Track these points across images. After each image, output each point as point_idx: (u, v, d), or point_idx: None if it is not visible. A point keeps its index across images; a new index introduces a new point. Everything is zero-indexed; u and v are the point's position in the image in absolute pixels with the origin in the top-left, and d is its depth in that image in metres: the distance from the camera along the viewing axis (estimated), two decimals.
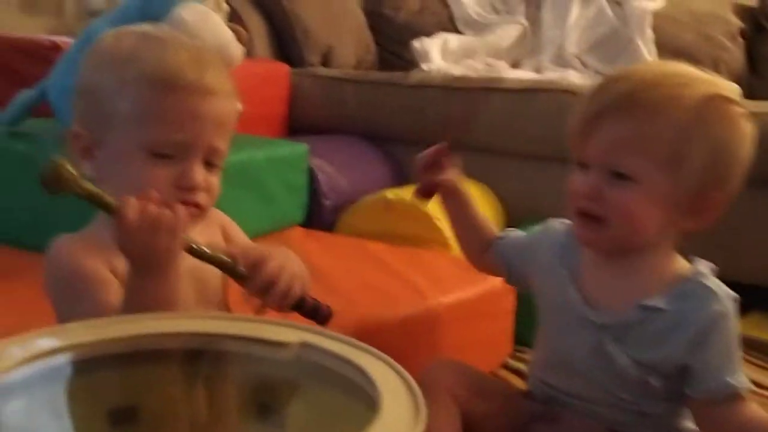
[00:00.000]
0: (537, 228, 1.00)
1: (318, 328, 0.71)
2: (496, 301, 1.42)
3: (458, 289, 1.35)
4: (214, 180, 0.80)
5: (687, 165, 0.80)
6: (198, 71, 0.76)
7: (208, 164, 0.79)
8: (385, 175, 2.12)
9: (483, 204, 2.00)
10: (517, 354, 1.52)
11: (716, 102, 0.82)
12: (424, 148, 2.20)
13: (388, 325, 1.19)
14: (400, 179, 2.15)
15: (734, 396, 0.83)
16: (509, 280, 1.03)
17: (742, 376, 0.83)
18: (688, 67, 0.85)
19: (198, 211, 0.79)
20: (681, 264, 0.88)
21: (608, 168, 0.83)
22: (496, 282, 1.43)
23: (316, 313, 0.83)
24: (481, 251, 1.04)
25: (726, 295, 0.84)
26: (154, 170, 0.76)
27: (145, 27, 0.85)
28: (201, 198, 0.79)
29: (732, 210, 1.87)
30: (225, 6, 1.50)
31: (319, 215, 1.81)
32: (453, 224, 1.07)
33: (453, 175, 1.03)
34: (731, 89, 0.86)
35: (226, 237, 0.90)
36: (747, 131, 0.84)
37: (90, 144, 0.79)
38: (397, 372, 0.62)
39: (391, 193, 1.73)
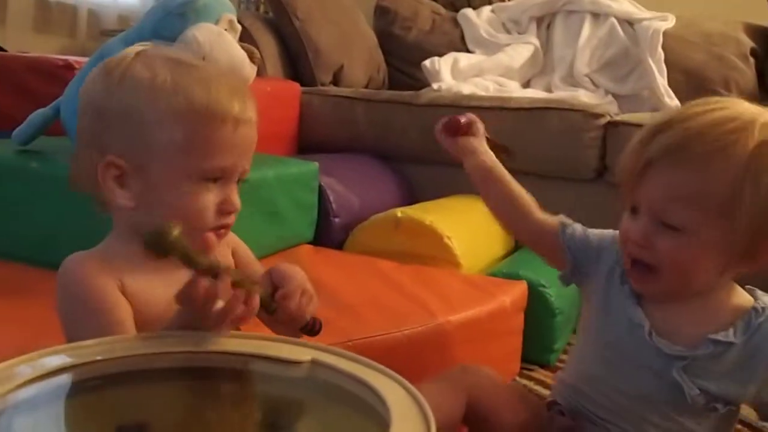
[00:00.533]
0: (605, 233, 0.97)
1: (329, 346, 0.71)
2: (504, 319, 1.42)
3: (467, 308, 1.35)
4: (239, 201, 0.84)
5: (739, 215, 0.79)
6: (240, 104, 0.79)
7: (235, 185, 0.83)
8: (395, 193, 2.13)
9: (492, 221, 2.00)
10: (525, 372, 1.51)
11: (766, 149, 0.80)
12: (434, 167, 2.23)
13: (396, 343, 1.18)
14: (410, 198, 2.15)
15: None
16: (569, 273, 0.98)
17: None
18: (737, 109, 0.82)
19: (228, 233, 0.83)
20: (743, 296, 0.88)
21: (658, 217, 0.82)
22: (505, 301, 1.44)
23: (312, 328, 0.83)
24: (529, 225, 1.01)
25: None
26: (202, 195, 0.79)
27: (165, 50, 0.85)
28: (233, 219, 0.82)
29: None
30: (238, 26, 1.51)
31: (329, 233, 1.81)
32: (484, 189, 1.07)
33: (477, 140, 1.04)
34: None
35: (235, 256, 0.91)
36: None
37: (127, 172, 0.78)
38: (408, 391, 0.62)
39: (401, 212, 1.73)
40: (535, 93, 2.56)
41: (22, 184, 1.44)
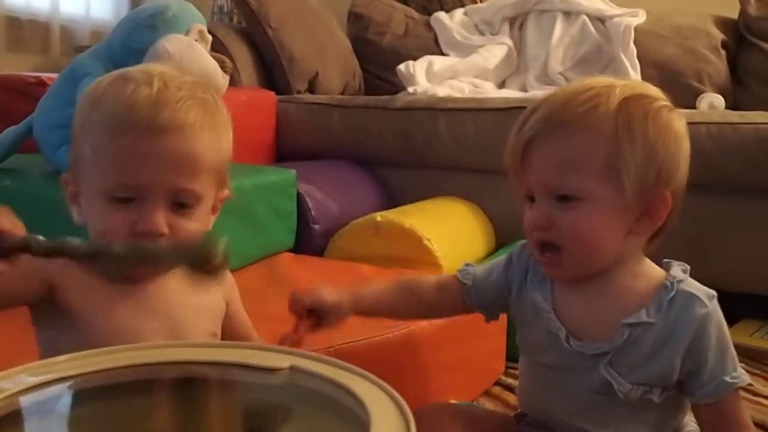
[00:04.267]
0: (502, 257, 0.97)
1: (307, 352, 0.70)
2: (483, 320, 1.42)
3: None
4: (185, 223, 0.75)
5: (624, 169, 0.80)
6: (152, 110, 0.73)
7: (180, 206, 0.75)
8: (373, 198, 2.12)
9: (473, 222, 2.01)
10: (510, 370, 1.52)
11: (633, 101, 0.81)
12: (412, 170, 2.23)
13: (378, 347, 1.18)
14: (389, 202, 2.15)
15: (735, 391, 0.83)
16: (489, 318, 1.00)
17: (739, 367, 0.84)
18: (600, 78, 0.86)
19: None
20: (655, 272, 0.87)
21: (551, 193, 0.82)
22: None
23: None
24: (438, 305, 1.01)
25: (705, 294, 0.84)
26: (112, 215, 0.74)
27: (139, 67, 0.82)
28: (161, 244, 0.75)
29: (719, 219, 1.91)
30: (208, 36, 1.50)
31: (309, 240, 1.81)
32: (382, 314, 1.03)
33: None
34: (648, 87, 0.86)
35: (228, 307, 0.88)
36: (674, 121, 0.83)
37: (75, 189, 0.78)
38: (387, 393, 0.62)
39: (380, 216, 1.73)
40: (510, 93, 2.57)
41: None
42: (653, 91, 0.86)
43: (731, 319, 0.88)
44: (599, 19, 2.72)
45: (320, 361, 0.68)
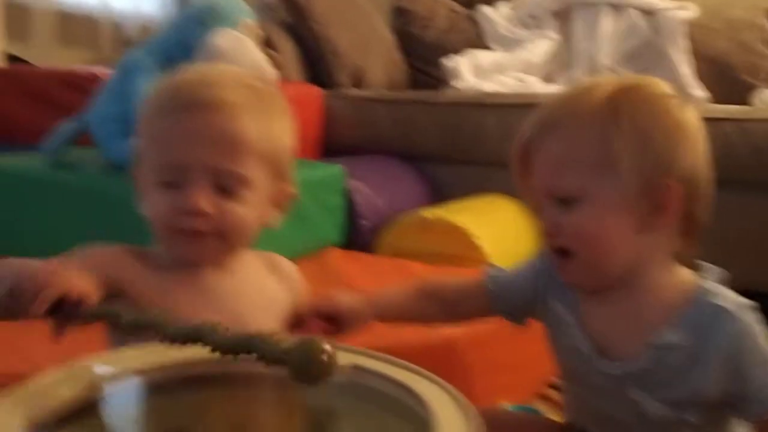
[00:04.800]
0: (528, 261, 0.93)
1: (369, 350, 0.70)
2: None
3: None
4: (233, 206, 0.75)
5: (618, 163, 0.76)
6: (194, 88, 0.73)
7: (225, 189, 0.75)
8: (420, 193, 2.12)
9: (521, 220, 1.99)
10: None
11: (623, 93, 0.78)
12: (458, 166, 2.21)
13: (433, 346, 1.18)
14: (436, 197, 2.14)
15: None
16: (515, 324, 0.95)
17: None
18: (594, 79, 0.84)
19: (200, 238, 0.75)
20: (684, 282, 0.81)
21: (553, 197, 0.79)
22: None
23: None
24: (460, 307, 0.96)
25: (739, 306, 0.77)
26: (159, 200, 0.74)
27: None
28: (201, 224, 0.74)
29: (747, 217, 1.86)
30: (257, 31, 1.51)
31: (357, 236, 1.81)
32: (404, 319, 0.98)
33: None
34: (650, 81, 0.82)
35: (294, 296, 0.87)
36: (673, 109, 0.79)
37: (140, 180, 0.79)
38: (449, 393, 0.62)
39: (428, 212, 1.72)
40: (558, 88, 2.54)
41: (51, 195, 1.45)
42: (655, 83, 0.81)
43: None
44: (648, 12, 2.67)
45: (382, 360, 0.68)
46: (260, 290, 0.82)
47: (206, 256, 0.78)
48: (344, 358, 0.67)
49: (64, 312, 0.64)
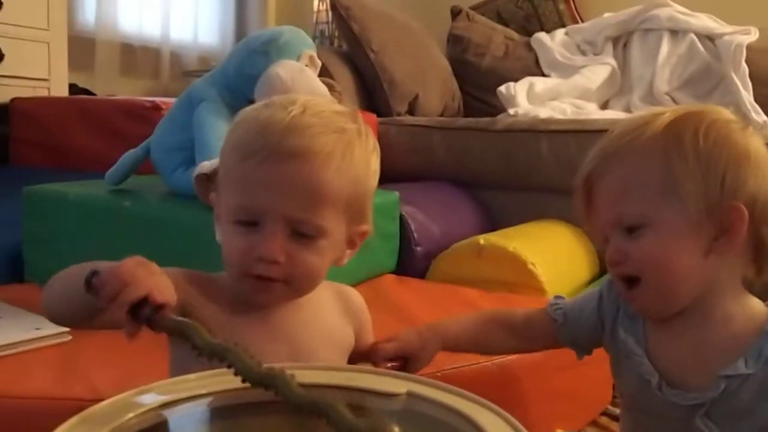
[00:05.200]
0: (593, 291, 0.93)
1: (422, 377, 0.70)
2: None
3: None
4: (304, 254, 0.74)
5: (683, 187, 0.76)
6: (280, 134, 0.71)
7: (301, 235, 0.73)
8: (475, 220, 2.12)
9: (577, 247, 1.97)
10: (617, 400, 1.47)
11: (683, 119, 0.78)
12: (513, 193, 2.20)
13: (487, 372, 1.17)
14: (490, 224, 2.14)
15: None
16: (581, 355, 0.96)
17: None
18: (655, 108, 0.85)
19: (270, 284, 0.75)
20: (757, 312, 0.80)
21: (618, 226, 0.80)
22: None
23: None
24: (529, 339, 0.97)
25: None
26: (235, 238, 0.74)
27: (286, 95, 0.80)
28: (273, 271, 0.73)
29: None
30: (318, 61, 1.54)
31: (411, 262, 1.82)
32: (474, 349, 1.01)
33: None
34: (712, 107, 0.82)
35: (359, 338, 0.87)
36: (734, 134, 0.78)
37: (217, 210, 0.79)
38: (507, 421, 0.61)
39: (484, 239, 1.72)
40: (614, 114, 2.52)
41: (115, 222, 1.49)
42: (716, 110, 0.81)
43: None
44: (708, 38, 2.64)
45: (438, 388, 0.68)
46: (325, 323, 0.82)
47: (273, 301, 0.78)
48: (398, 386, 0.68)
49: (144, 314, 0.64)
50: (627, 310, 0.86)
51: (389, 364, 0.88)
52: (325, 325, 0.82)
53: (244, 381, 0.60)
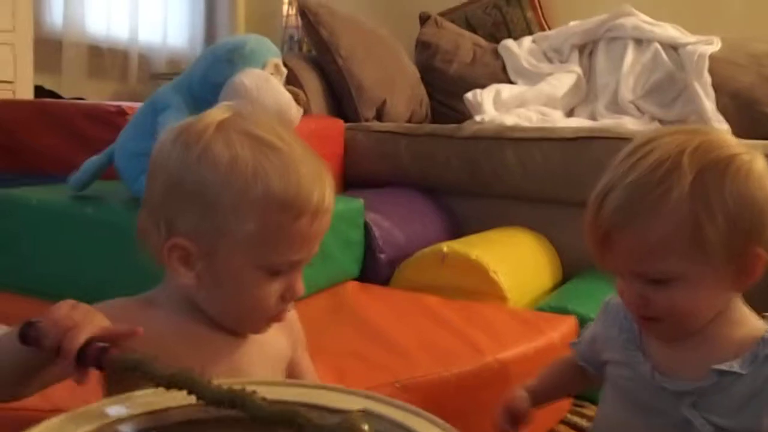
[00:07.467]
0: (597, 316, 0.98)
1: (378, 395, 0.71)
2: (554, 356, 1.40)
3: (516, 345, 1.34)
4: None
5: (708, 245, 0.78)
6: (320, 193, 0.74)
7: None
8: (439, 226, 2.13)
9: (540, 254, 2.00)
10: (576, 409, 1.50)
11: (707, 173, 0.79)
12: (478, 199, 2.23)
13: (445, 383, 1.18)
14: (455, 231, 2.16)
15: None
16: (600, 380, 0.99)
17: None
18: (665, 148, 0.81)
19: (285, 315, 0.81)
20: (753, 324, 0.85)
21: (641, 277, 0.82)
22: (554, 336, 1.43)
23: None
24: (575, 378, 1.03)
25: None
26: (267, 287, 0.75)
27: (247, 123, 0.77)
28: (293, 304, 0.80)
29: None
30: (284, 69, 1.54)
31: (375, 269, 1.83)
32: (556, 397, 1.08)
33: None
34: (719, 141, 0.83)
35: (294, 350, 0.89)
36: (752, 175, 0.80)
37: (193, 254, 0.75)
38: None
39: (447, 246, 1.74)
40: (579, 122, 2.55)
41: (76, 230, 1.48)
42: (724, 143, 0.83)
43: None
44: (672, 47, 2.68)
45: (392, 405, 0.69)
46: (262, 338, 0.82)
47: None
48: (354, 402, 0.68)
49: (91, 356, 0.64)
50: (628, 323, 0.91)
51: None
52: (266, 344, 0.82)
53: (208, 404, 0.60)
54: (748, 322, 0.85)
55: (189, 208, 0.74)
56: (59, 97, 2.77)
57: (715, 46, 2.63)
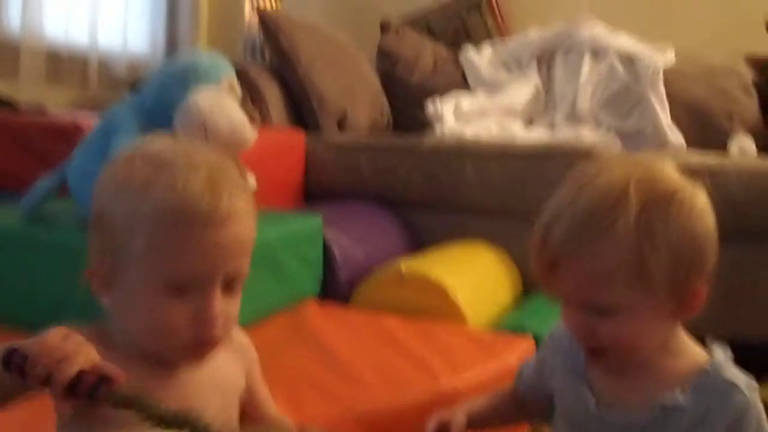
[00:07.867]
0: (543, 343, 1.00)
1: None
2: (510, 379, 1.41)
3: (472, 368, 1.35)
4: (232, 308, 0.76)
5: (652, 276, 0.80)
6: (212, 199, 0.72)
7: (228, 289, 0.75)
8: (400, 240, 2.14)
9: (499, 268, 2.01)
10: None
11: (652, 207, 0.81)
12: (439, 213, 2.23)
13: (400, 411, 1.19)
14: (415, 244, 2.16)
15: None
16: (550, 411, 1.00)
17: None
18: (610, 177, 0.83)
19: (215, 344, 0.76)
20: (695, 353, 0.86)
21: (587, 306, 0.83)
22: (511, 359, 1.44)
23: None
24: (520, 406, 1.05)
25: (746, 384, 0.82)
26: (170, 307, 0.72)
27: (161, 146, 0.78)
28: (217, 330, 0.74)
29: (740, 269, 1.89)
30: (238, 89, 1.53)
31: (335, 287, 1.82)
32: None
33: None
34: (664, 175, 0.84)
35: (249, 378, 0.87)
36: (694, 210, 0.82)
37: (107, 278, 0.75)
38: None
39: (405, 265, 1.74)
40: (538, 132, 2.57)
41: (28, 252, 1.46)
42: (667, 176, 0.84)
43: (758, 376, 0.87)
44: (627, 59, 2.72)
45: None
46: (218, 370, 0.81)
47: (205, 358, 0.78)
48: None
49: (84, 389, 0.63)
50: (573, 354, 0.92)
51: None
52: (218, 373, 0.81)
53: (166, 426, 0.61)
54: (689, 350, 0.86)
55: (96, 234, 0.75)
56: (16, 103, 2.71)
57: (668, 58, 2.67)
